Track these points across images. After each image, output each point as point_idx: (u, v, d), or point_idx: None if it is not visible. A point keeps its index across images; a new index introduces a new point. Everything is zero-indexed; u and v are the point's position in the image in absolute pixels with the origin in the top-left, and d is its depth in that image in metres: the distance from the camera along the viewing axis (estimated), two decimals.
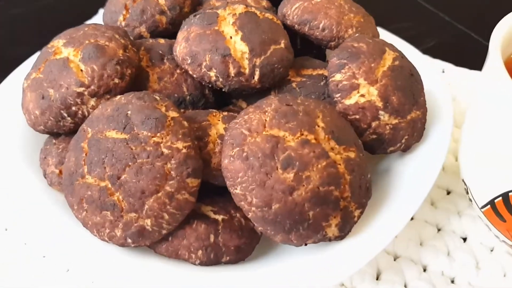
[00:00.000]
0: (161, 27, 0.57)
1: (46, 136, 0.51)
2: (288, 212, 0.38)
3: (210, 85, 0.50)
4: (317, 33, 0.54)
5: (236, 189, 0.39)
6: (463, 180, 0.51)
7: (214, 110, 0.48)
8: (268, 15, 0.51)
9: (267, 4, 0.61)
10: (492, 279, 0.50)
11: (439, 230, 0.55)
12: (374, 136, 0.47)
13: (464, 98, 0.72)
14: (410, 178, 0.49)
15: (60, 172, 0.47)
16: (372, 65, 0.47)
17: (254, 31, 0.48)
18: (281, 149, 0.39)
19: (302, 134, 0.40)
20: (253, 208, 0.39)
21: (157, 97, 0.42)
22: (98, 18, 0.81)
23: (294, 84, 0.50)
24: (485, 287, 0.49)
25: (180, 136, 0.40)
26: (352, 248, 0.42)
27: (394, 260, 0.52)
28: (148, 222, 0.39)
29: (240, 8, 0.50)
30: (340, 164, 0.40)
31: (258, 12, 0.51)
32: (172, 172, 0.39)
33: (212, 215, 0.42)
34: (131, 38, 0.57)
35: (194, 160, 0.40)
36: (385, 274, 0.50)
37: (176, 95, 0.51)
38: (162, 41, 0.55)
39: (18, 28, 0.93)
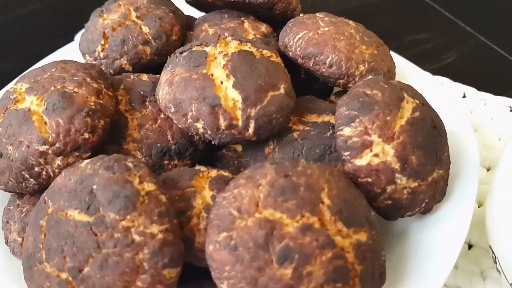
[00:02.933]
0: (145, 59, 0.50)
1: None
2: None
3: (197, 137, 0.43)
4: (324, 69, 0.47)
5: (223, 284, 0.33)
6: (490, 247, 0.44)
7: (202, 168, 0.41)
8: (266, 52, 0.44)
9: (267, 29, 0.54)
10: None
11: None
12: (389, 202, 0.40)
13: (488, 129, 0.64)
14: (431, 247, 0.42)
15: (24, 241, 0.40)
16: (388, 118, 0.40)
17: (249, 76, 0.41)
18: (277, 237, 0.32)
19: (303, 216, 0.33)
20: None
21: (130, 164, 0.35)
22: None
23: (295, 134, 0.43)
24: None
25: (155, 218, 0.33)
26: None
27: None
28: None
29: (233, 46, 0.43)
30: (348, 252, 0.33)
31: (254, 50, 0.43)
32: (144, 264, 0.32)
33: None
34: (111, 71, 0.50)
35: (173, 246, 0.33)
36: None
37: (159, 144, 0.44)
38: (145, 77, 0.47)
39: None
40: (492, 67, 0.78)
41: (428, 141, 0.40)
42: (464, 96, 0.68)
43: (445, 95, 0.54)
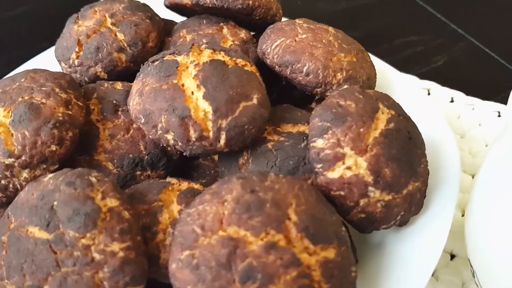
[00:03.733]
0: (120, 66, 0.49)
1: None
2: None
3: (169, 148, 0.42)
4: (300, 78, 0.46)
5: None
6: (469, 260, 0.43)
7: (173, 181, 0.40)
8: (240, 61, 0.43)
9: (247, 35, 0.53)
10: None
11: None
12: (363, 215, 0.39)
13: (475, 134, 0.63)
14: (407, 259, 0.41)
15: None
16: (361, 130, 0.39)
17: (220, 86, 0.40)
18: (240, 256, 0.31)
19: (268, 234, 0.32)
20: None
21: (93, 180, 0.34)
22: None
23: (270, 145, 0.42)
24: None
25: (116, 235, 0.32)
26: None
27: None
28: None
29: (206, 55, 0.42)
30: (315, 270, 0.32)
31: (227, 59, 0.42)
32: (105, 283, 0.31)
33: None
34: (86, 79, 0.49)
35: (134, 265, 0.32)
36: None
37: (131, 155, 0.43)
38: (119, 85, 0.47)
39: None
40: (483, 70, 0.77)
41: (403, 153, 0.39)
42: (452, 101, 0.67)
43: (428, 102, 0.53)
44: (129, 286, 0.32)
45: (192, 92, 0.40)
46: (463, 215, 0.55)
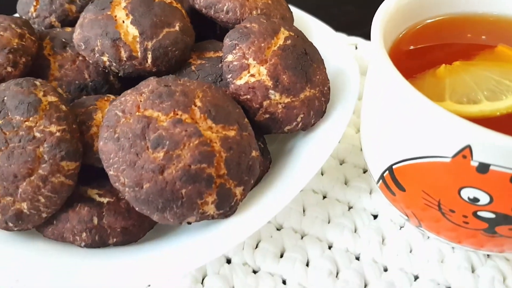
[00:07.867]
0: (71, 16, 0.57)
1: None
2: (159, 191, 0.39)
3: (106, 70, 0.50)
4: (222, 16, 0.54)
5: (110, 170, 0.40)
6: (365, 159, 0.51)
7: (110, 96, 0.48)
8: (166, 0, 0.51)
9: None
10: (397, 256, 0.50)
11: (350, 208, 0.55)
12: (267, 116, 0.47)
13: None
14: (305, 155, 0.49)
15: None
16: (262, 44, 0.47)
17: (146, 14, 0.48)
18: (152, 129, 0.39)
19: (176, 114, 0.40)
20: (127, 189, 0.39)
21: (37, 83, 0.42)
22: None
23: (193, 67, 0.51)
24: (389, 263, 0.50)
25: (54, 120, 0.40)
26: (236, 224, 0.42)
27: (301, 238, 0.52)
28: (24, 205, 0.40)
29: None
30: (216, 143, 0.41)
31: None
32: (44, 156, 0.39)
33: (98, 198, 0.43)
34: (43, 28, 0.57)
35: (69, 143, 0.40)
36: (289, 252, 0.50)
37: (77, 81, 0.51)
38: (68, 29, 0.55)
39: None
40: None
41: (298, 64, 0.48)
42: (356, 48, 0.77)
43: (339, 40, 0.62)
44: (65, 160, 0.40)
45: (123, 21, 0.48)
46: None
